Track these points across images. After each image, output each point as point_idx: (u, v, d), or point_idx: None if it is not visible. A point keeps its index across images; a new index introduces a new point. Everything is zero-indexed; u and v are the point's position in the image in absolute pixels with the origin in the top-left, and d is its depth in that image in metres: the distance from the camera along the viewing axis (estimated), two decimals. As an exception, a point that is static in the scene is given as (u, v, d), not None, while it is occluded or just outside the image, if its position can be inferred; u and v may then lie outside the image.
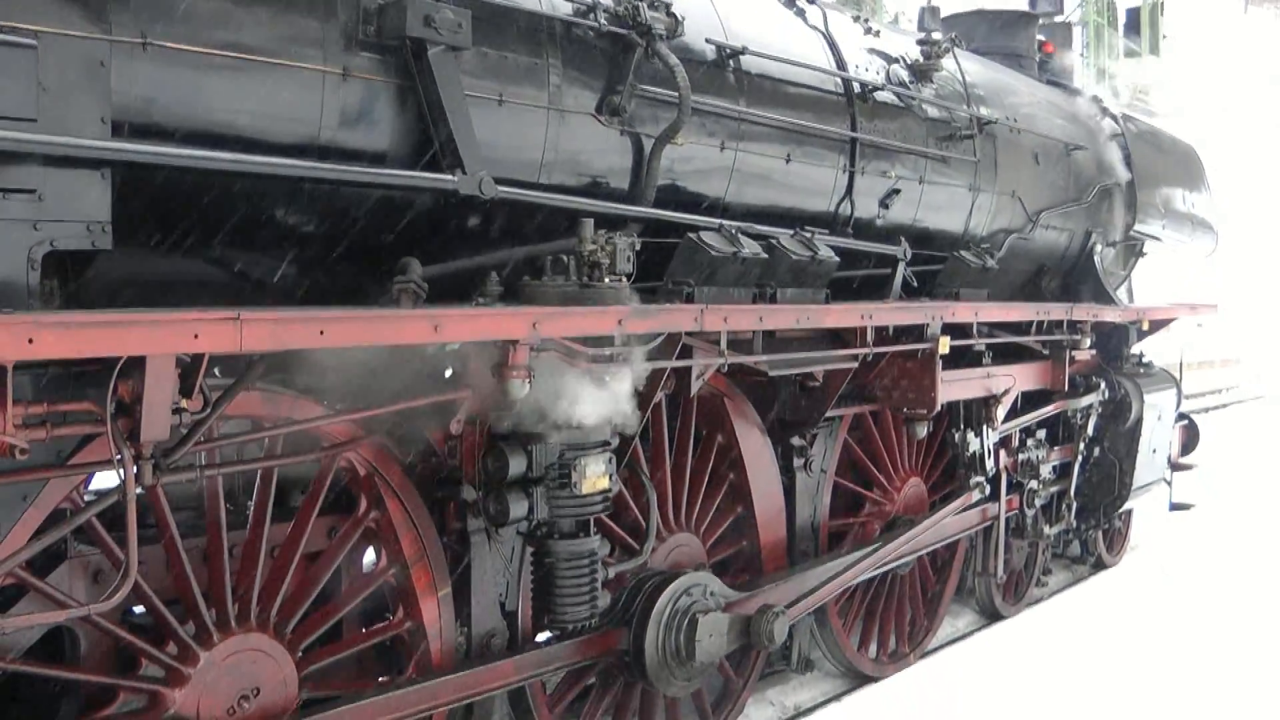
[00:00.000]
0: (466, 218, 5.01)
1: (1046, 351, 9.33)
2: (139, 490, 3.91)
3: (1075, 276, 10.18)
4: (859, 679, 8.08)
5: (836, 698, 7.79)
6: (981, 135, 8.44)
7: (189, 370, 3.87)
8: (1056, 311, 9.14)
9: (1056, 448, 9.93)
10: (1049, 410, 9.58)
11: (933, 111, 8.00)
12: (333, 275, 4.77)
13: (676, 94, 5.67)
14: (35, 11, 3.57)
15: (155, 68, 3.95)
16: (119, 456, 3.78)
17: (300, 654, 4.75)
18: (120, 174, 3.85)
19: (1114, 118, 10.89)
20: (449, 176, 4.71)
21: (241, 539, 4.69)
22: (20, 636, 4.07)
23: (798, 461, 7.30)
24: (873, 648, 8.41)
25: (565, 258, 5.07)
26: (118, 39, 3.81)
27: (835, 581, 7.21)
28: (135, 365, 3.69)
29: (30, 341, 3.29)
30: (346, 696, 4.80)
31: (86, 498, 4.27)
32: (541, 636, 5.69)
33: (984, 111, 8.54)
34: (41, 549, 3.90)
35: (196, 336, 3.66)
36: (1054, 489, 9.91)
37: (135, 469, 3.85)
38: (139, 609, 4.61)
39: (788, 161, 6.68)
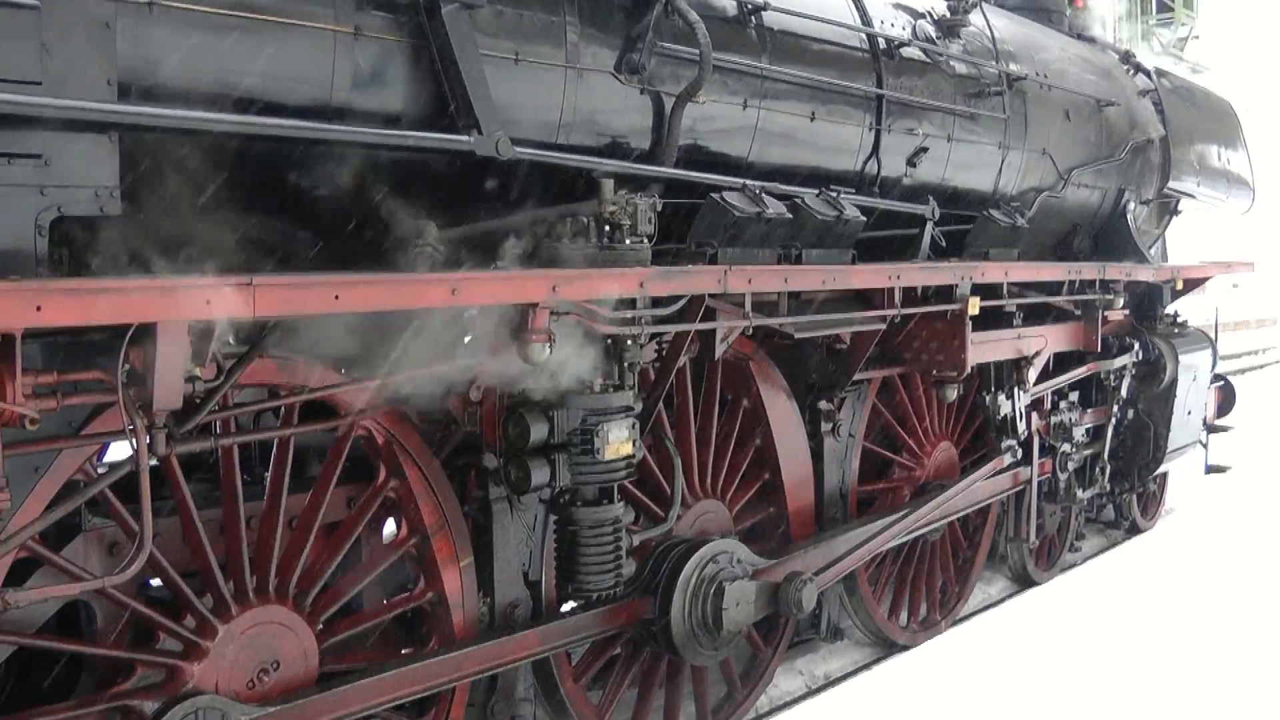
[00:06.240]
0: (483, 180, 4.94)
1: (1079, 312, 9.24)
2: (153, 461, 3.89)
3: (1108, 235, 10.07)
4: (889, 647, 8.06)
5: (867, 667, 7.77)
6: (1011, 92, 8.32)
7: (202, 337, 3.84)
8: (1089, 271, 9.05)
9: (1089, 410, 9.87)
10: (1082, 372, 9.51)
11: (960, 68, 7.89)
12: (347, 239, 4.72)
13: (697, 51, 5.59)
14: None
15: (161, 29, 3.90)
16: (131, 426, 3.75)
17: (320, 626, 4.72)
18: (128, 138, 3.80)
19: (1147, 73, 10.77)
20: (465, 137, 4.65)
21: (259, 509, 4.66)
22: (35, 611, 4.06)
23: (825, 426, 7.25)
24: (903, 615, 8.39)
25: (585, 219, 5.01)
26: (123, 0, 3.76)
27: (865, 548, 7.18)
28: (147, 333, 3.65)
29: (39, 309, 3.25)
30: (368, 669, 4.78)
31: (100, 469, 4.24)
32: (565, 606, 5.67)
33: (1013, 68, 8.43)
34: (55, 521, 3.88)
35: (209, 303, 3.62)
36: (1087, 452, 9.86)
37: (148, 439, 3.82)
38: (156, 581, 4.59)
39: (812, 120, 6.60)
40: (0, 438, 3.45)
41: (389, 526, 5.44)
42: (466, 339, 4.74)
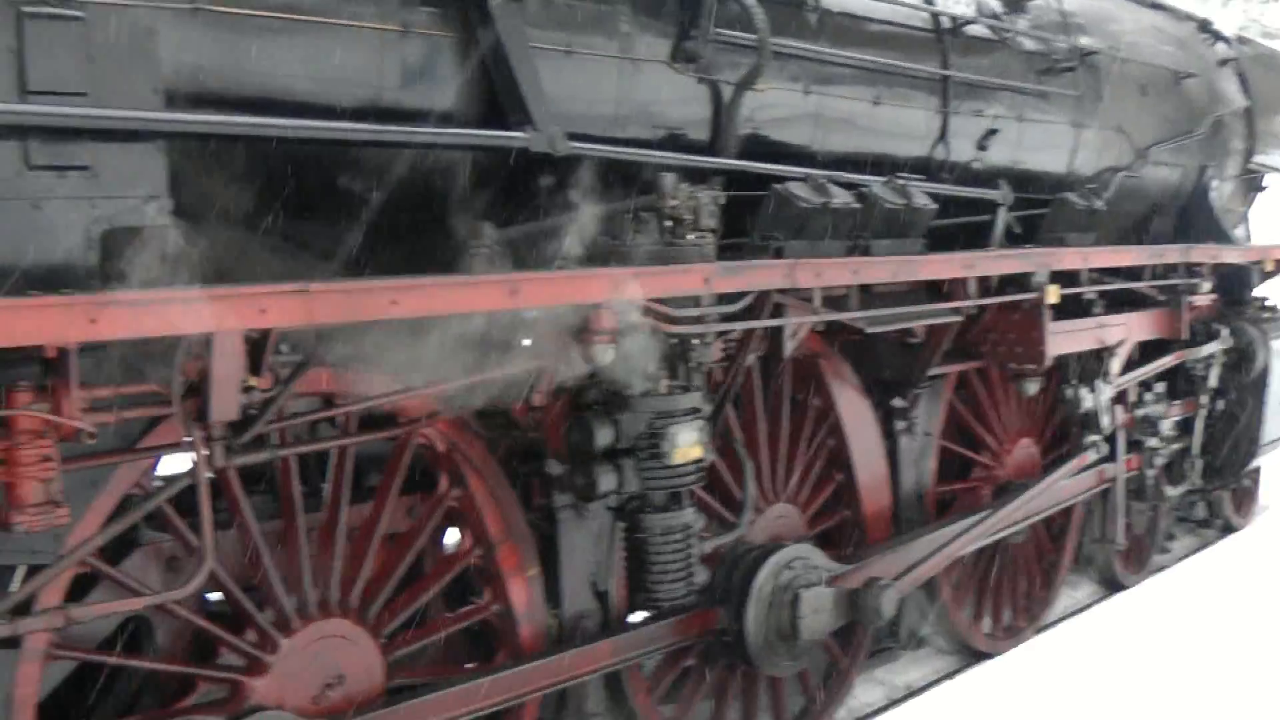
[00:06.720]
0: (539, 177, 4.98)
1: (1163, 298, 9.13)
2: (210, 473, 3.96)
3: (1189, 216, 9.90)
4: (972, 656, 8.00)
5: (949, 676, 7.72)
6: (1083, 67, 8.24)
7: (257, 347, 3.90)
8: (1172, 254, 8.93)
9: (1177, 402, 9.67)
10: (1168, 361, 9.35)
11: (1029, 44, 7.84)
12: (401, 243, 4.78)
13: (755, 37, 5.60)
14: None
15: (206, 33, 3.96)
16: (189, 439, 3.82)
17: (385, 640, 4.77)
18: (176, 146, 3.87)
19: (1226, 41, 10.59)
20: (519, 134, 4.68)
21: (317, 521, 4.72)
22: (95, 626, 4.14)
23: (900, 424, 7.23)
24: (986, 622, 8.33)
25: (646, 215, 5.04)
26: (166, 5, 3.82)
27: (945, 552, 7.13)
28: (202, 343, 3.72)
29: (93, 322, 3.32)
30: (434, 683, 4.83)
31: (155, 483, 4.32)
32: (635, 617, 5.69)
33: (1084, 41, 8.34)
34: (113, 536, 3.96)
35: (264, 311, 3.68)
36: (1176, 447, 9.65)
37: (206, 451, 3.89)
38: (216, 596, 4.67)
39: (876, 104, 6.58)
40: (58, 453, 3.53)
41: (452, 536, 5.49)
42: (527, 341, 4.78)
